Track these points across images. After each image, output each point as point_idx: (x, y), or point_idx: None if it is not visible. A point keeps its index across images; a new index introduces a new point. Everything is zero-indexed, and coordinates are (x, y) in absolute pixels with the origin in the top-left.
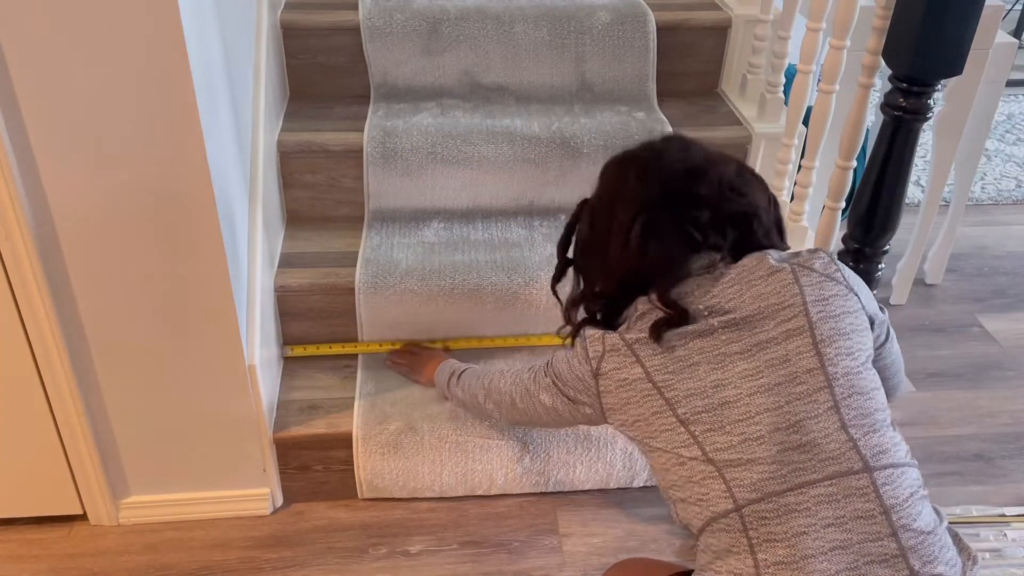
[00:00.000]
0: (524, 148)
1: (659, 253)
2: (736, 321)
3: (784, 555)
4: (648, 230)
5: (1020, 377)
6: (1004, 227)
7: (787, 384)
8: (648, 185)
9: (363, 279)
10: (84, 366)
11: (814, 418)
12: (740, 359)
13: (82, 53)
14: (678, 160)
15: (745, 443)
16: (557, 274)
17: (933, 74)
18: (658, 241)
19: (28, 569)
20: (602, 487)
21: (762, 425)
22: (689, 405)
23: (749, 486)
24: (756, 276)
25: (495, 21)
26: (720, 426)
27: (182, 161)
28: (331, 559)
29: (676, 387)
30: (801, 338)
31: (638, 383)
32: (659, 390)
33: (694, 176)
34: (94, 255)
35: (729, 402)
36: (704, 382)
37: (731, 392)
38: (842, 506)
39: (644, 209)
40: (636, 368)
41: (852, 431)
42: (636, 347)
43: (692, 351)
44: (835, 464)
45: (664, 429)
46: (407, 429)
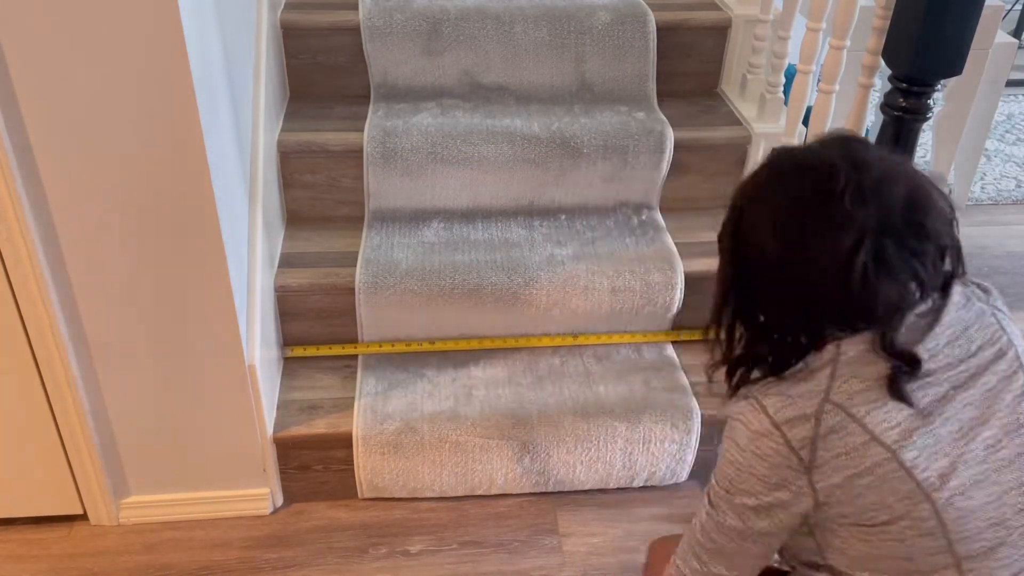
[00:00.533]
0: (524, 148)
1: (891, 292)
2: (963, 377)
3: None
4: (878, 261)
5: None
6: (1004, 227)
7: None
8: (865, 207)
9: (363, 279)
10: (84, 366)
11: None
12: (979, 426)
13: (82, 53)
14: (891, 178)
15: (992, 528)
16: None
17: (933, 74)
18: (889, 277)
19: (28, 569)
20: (602, 487)
21: (1007, 507)
22: (946, 489)
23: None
24: (968, 317)
25: (495, 21)
26: (971, 512)
27: (182, 161)
28: (331, 559)
29: (928, 465)
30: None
31: (880, 467)
32: (908, 471)
33: (917, 205)
34: (94, 255)
35: (978, 481)
36: (953, 458)
37: (978, 469)
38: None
39: (866, 235)
40: (875, 448)
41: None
42: (867, 421)
43: (935, 416)
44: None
45: (909, 515)
46: (407, 429)
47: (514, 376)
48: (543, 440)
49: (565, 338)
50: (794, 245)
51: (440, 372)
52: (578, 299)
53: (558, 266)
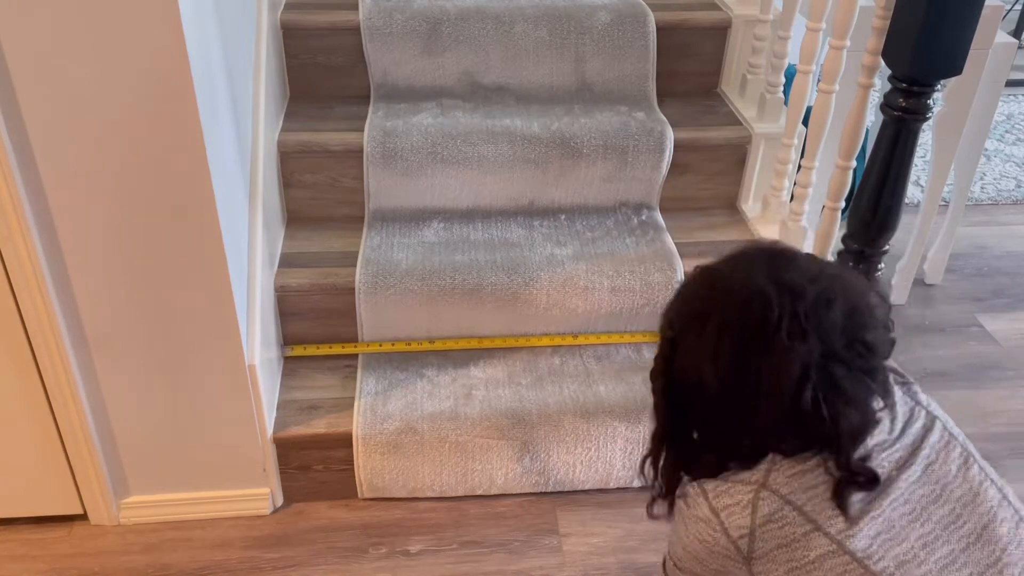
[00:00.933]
0: (524, 148)
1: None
2: (902, 456)
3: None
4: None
5: (1020, 377)
6: (1004, 227)
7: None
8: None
9: (363, 279)
10: (84, 366)
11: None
12: (932, 504)
13: (82, 53)
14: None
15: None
16: (656, 448)
17: (933, 74)
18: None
19: (28, 569)
20: (602, 487)
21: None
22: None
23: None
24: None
25: (495, 21)
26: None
27: (182, 161)
28: (331, 559)
29: (882, 555)
30: (969, 466)
31: (827, 559)
32: (860, 562)
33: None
34: (94, 255)
35: (946, 565)
36: (910, 541)
37: (943, 550)
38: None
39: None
40: (818, 539)
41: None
42: (807, 508)
43: (884, 504)
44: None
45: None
46: (407, 429)
47: (514, 376)
48: (543, 440)
49: (565, 338)
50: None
51: (440, 372)
52: (578, 299)
53: (558, 266)
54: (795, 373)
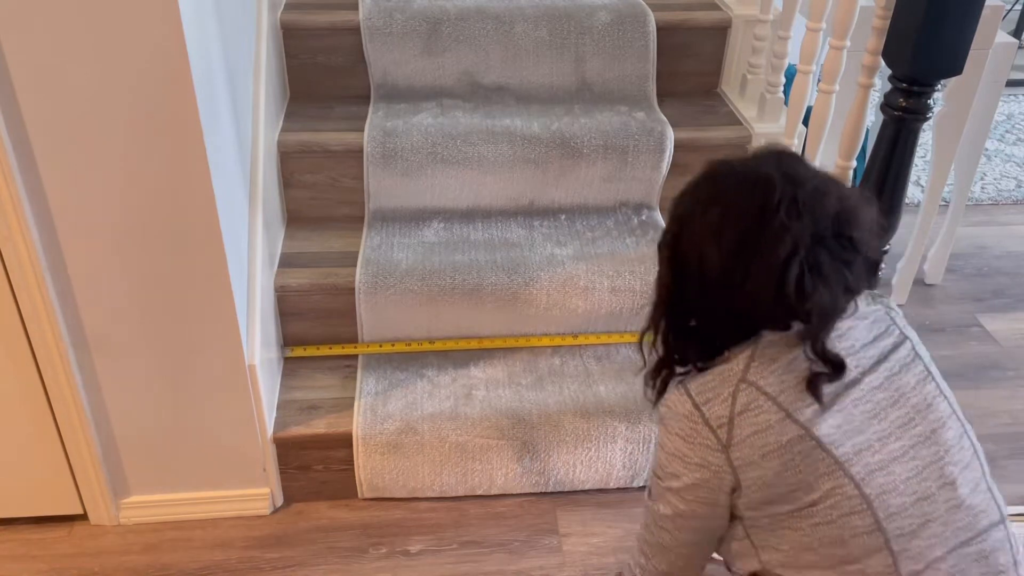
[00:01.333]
0: (524, 148)
1: (824, 299)
2: (868, 364)
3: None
4: (813, 271)
5: (1020, 377)
6: (1004, 227)
7: (940, 430)
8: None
9: (363, 279)
10: (84, 366)
11: (966, 468)
12: (890, 406)
13: (82, 53)
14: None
15: (917, 503)
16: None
17: (933, 74)
18: (824, 285)
19: (28, 569)
20: (602, 487)
21: (930, 481)
22: (861, 463)
23: (917, 555)
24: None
25: (495, 21)
26: (894, 486)
27: (182, 161)
28: (331, 559)
29: (843, 442)
30: (928, 381)
31: (796, 443)
32: (823, 447)
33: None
34: (94, 255)
35: (897, 456)
36: (867, 434)
37: (895, 445)
38: (990, 563)
39: (800, 246)
40: (789, 426)
41: (988, 478)
42: (780, 399)
43: (843, 398)
44: (985, 517)
45: (833, 493)
46: (407, 429)
47: (514, 376)
48: (543, 440)
49: (565, 338)
50: (733, 255)
51: (440, 372)
52: (578, 299)
53: (558, 266)
54: (786, 249)
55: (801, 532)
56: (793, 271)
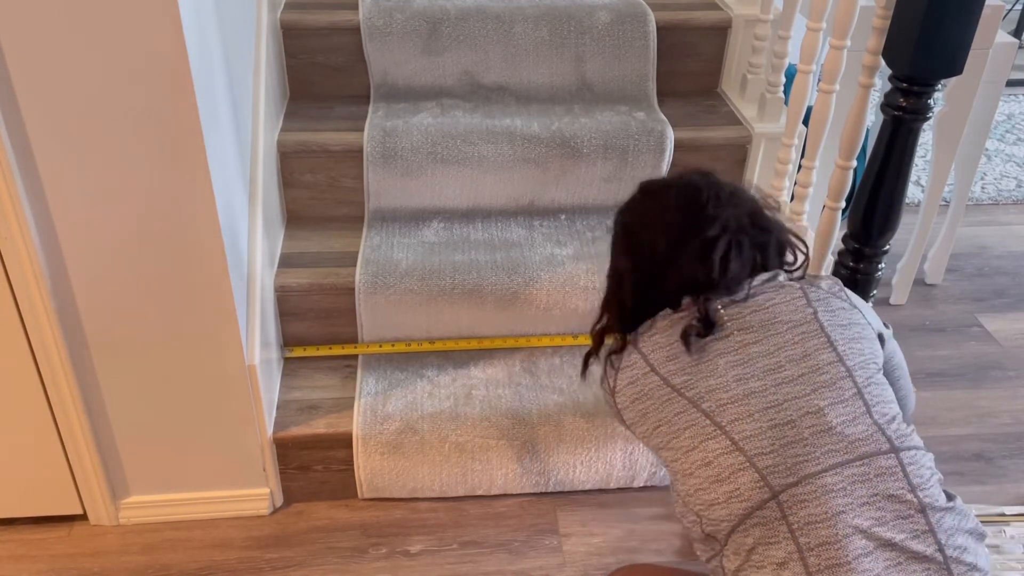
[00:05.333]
0: (524, 148)
1: (735, 269)
2: (752, 324)
3: (827, 535)
4: (735, 247)
5: (1020, 377)
6: (1004, 227)
7: (810, 374)
8: (728, 209)
9: (363, 279)
10: (84, 366)
11: (841, 403)
12: (761, 357)
13: (82, 53)
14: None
15: (775, 428)
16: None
17: (933, 74)
18: (739, 260)
19: (28, 569)
20: (602, 487)
21: (791, 410)
22: (713, 399)
23: (784, 471)
24: (769, 287)
25: (495, 21)
26: (748, 414)
27: (182, 161)
28: (331, 559)
29: (696, 385)
30: (817, 339)
31: (655, 391)
32: (678, 391)
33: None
34: (94, 255)
35: (755, 392)
36: (726, 378)
37: (756, 384)
38: (875, 485)
39: (726, 231)
40: (652, 377)
41: (876, 416)
42: (651, 357)
43: (710, 352)
44: (865, 445)
45: (688, 425)
46: (407, 429)
47: (514, 376)
48: (543, 440)
49: (565, 338)
50: (675, 239)
51: (440, 372)
52: (578, 299)
53: (558, 266)
54: (715, 231)
55: (679, 462)
56: (720, 247)
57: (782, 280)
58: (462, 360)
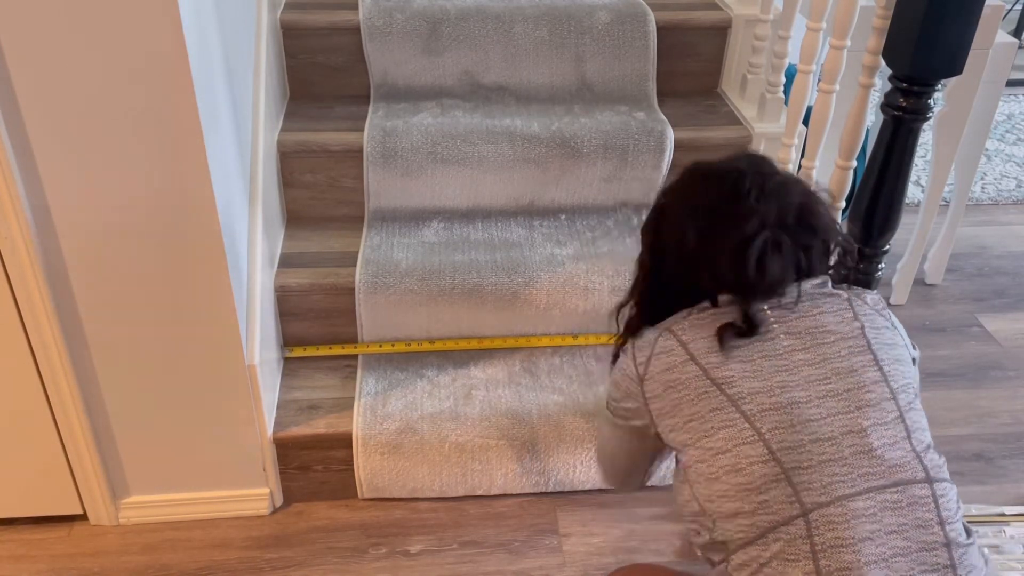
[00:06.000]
0: (524, 148)
1: (773, 270)
2: (799, 330)
3: (849, 561)
4: (773, 248)
5: (1020, 377)
6: (1004, 227)
7: (856, 391)
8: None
9: (363, 279)
10: (84, 366)
11: (883, 425)
12: (806, 366)
13: (82, 53)
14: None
15: (816, 443)
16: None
17: (933, 74)
18: (780, 260)
19: (28, 569)
20: (602, 487)
21: (834, 427)
22: (755, 402)
23: (819, 489)
24: (816, 293)
25: (495, 21)
26: (790, 424)
27: (182, 161)
28: (331, 559)
29: (739, 384)
30: (863, 355)
31: (693, 381)
32: (718, 386)
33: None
34: (94, 255)
35: (799, 403)
36: (770, 382)
37: (800, 394)
38: (905, 514)
39: (766, 227)
40: (691, 366)
41: (915, 443)
42: (690, 346)
43: (754, 352)
44: (901, 472)
45: (724, 425)
46: (407, 429)
47: (514, 376)
48: (543, 440)
49: (565, 338)
50: (706, 232)
51: (440, 372)
52: (578, 299)
53: (558, 266)
54: (753, 228)
55: (707, 464)
56: (756, 246)
57: (830, 288)
58: (462, 360)
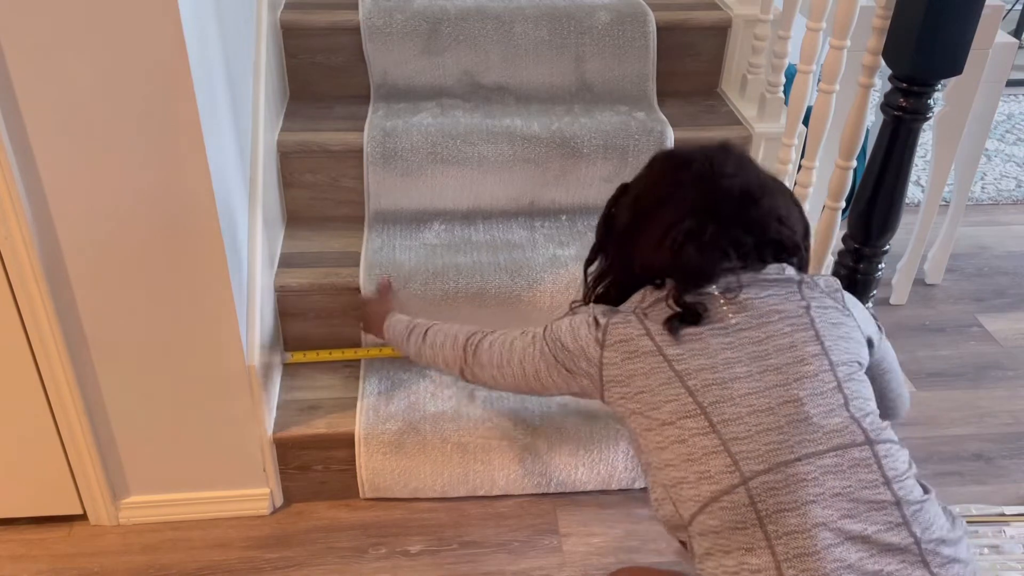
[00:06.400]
0: (524, 148)
1: (692, 259)
2: (747, 310)
3: (796, 524)
4: (690, 235)
5: (1020, 377)
6: (1004, 227)
7: (794, 364)
8: (701, 193)
9: (367, 286)
10: (84, 366)
11: (820, 395)
12: (750, 343)
13: (82, 53)
14: (734, 176)
15: (753, 414)
16: (591, 256)
17: (933, 74)
18: (698, 249)
19: (28, 569)
20: (604, 488)
21: (771, 398)
22: (700, 377)
23: (757, 458)
24: (767, 279)
25: (495, 21)
26: (730, 398)
27: (182, 161)
28: (331, 559)
29: (687, 361)
30: (806, 332)
31: (648, 356)
32: (669, 362)
33: (748, 199)
34: (94, 255)
35: (739, 377)
36: (715, 359)
37: (741, 369)
38: (848, 476)
39: (692, 215)
40: (646, 341)
41: (853, 410)
42: (648, 322)
43: (703, 331)
44: (839, 436)
45: (671, 399)
46: (409, 429)
47: None
48: (545, 441)
49: None
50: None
51: (444, 373)
52: None
53: (561, 267)
54: (677, 215)
55: (654, 432)
56: (673, 234)
57: (783, 274)
58: None
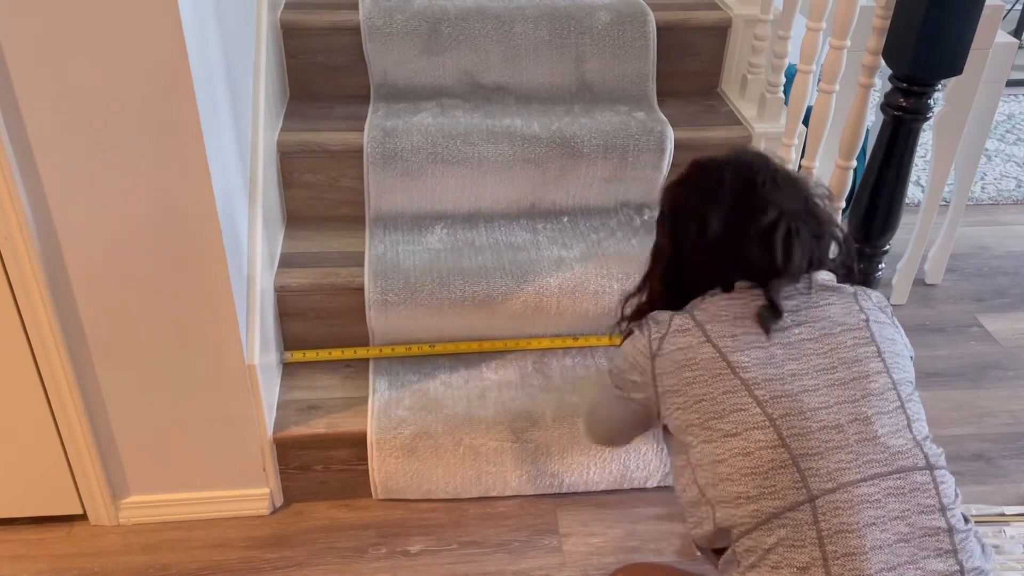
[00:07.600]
0: (524, 148)
1: (798, 257)
2: (808, 320)
3: (855, 546)
4: (794, 234)
5: (1020, 377)
6: (1004, 227)
7: (860, 380)
8: (784, 192)
9: (373, 296)
10: (84, 366)
11: (886, 414)
12: (815, 355)
13: (82, 53)
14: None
15: (823, 430)
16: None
17: (933, 74)
18: (800, 247)
19: (28, 569)
20: (617, 487)
21: (840, 414)
22: (767, 388)
23: (826, 475)
24: (826, 287)
25: (495, 21)
26: (799, 411)
27: (182, 161)
28: (331, 559)
29: (752, 370)
30: (868, 346)
31: (708, 362)
32: (733, 369)
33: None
34: (94, 255)
35: (808, 391)
36: (782, 370)
37: (809, 382)
38: (908, 500)
39: (784, 215)
40: (707, 347)
41: (915, 432)
42: (707, 327)
43: (771, 342)
44: (903, 459)
45: (736, 408)
46: (422, 432)
47: (526, 378)
48: (557, 442)
49: (577, 339)
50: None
51: (452, 374)
52: (588, 302)
53: (567, 269)
54: (773, 215)
55: (714, 444)
56: (780, 232)
57: (836, 282)
58: (473, 362)
